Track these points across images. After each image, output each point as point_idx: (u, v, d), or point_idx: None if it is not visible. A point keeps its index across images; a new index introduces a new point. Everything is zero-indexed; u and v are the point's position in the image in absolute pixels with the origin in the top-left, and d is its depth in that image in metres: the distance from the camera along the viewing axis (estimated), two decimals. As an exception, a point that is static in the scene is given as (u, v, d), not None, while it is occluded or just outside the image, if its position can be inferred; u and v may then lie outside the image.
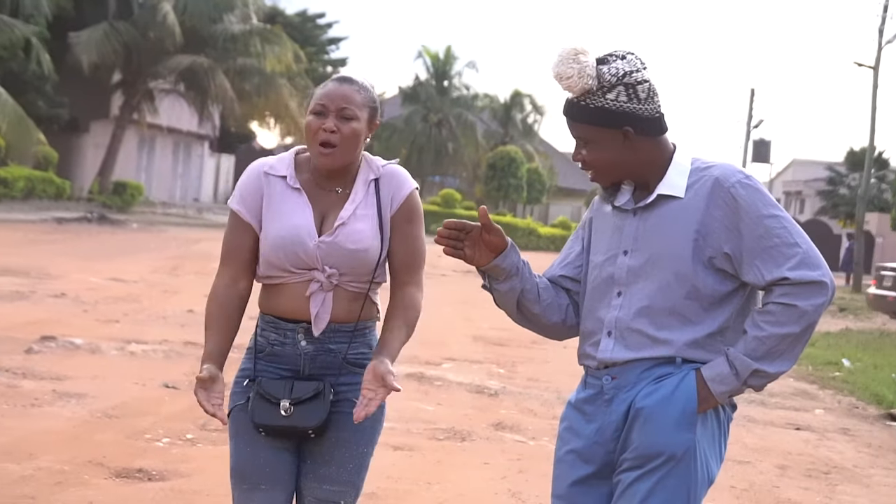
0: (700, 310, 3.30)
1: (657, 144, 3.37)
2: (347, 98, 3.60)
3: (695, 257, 3.28)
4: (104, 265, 19.57)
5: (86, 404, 8.36)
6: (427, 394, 10.21)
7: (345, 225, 3.61)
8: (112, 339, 11.33)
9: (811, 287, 3.21)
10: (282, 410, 3.57)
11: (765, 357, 3.23)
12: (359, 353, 3.68)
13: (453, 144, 64.24)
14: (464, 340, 14.31)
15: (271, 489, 3.66)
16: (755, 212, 3.25)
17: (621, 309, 3.35)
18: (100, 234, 28.87)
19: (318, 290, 3.60)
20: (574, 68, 3.26)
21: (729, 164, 3.35)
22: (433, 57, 66.85)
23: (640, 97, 3.29)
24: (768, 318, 3.22)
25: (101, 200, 39.08)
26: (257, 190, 3.68)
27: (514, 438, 8.61)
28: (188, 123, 49.51)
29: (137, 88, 41.78)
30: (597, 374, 3.40)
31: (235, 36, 41.95)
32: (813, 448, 9.44)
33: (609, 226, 3.45)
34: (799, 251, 3.22)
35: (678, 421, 3.25)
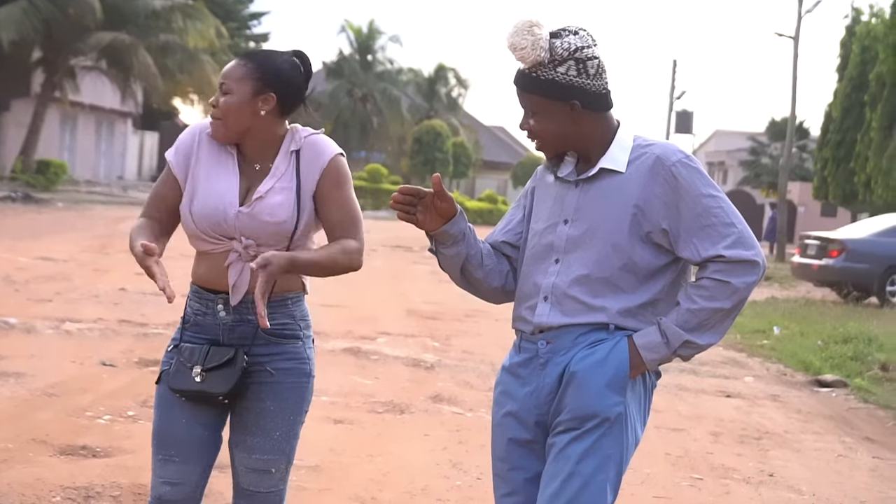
0: (635, 281, 3.42)
1: (602, 119, 3.47)
2: (227, 74, 3.69)
3: (632, 231, 3.40)
4: (32, 244, 19.40)
5: (24, 383, 8.35)
6: (364, 368, 10.29)
7: (262, 199, 3.66)
8: (46, 318, 11.28)
9: (745, 265, 3.35)
10: (195, 376, 3.63)
11: (696, 329, 3.38)
12: (279, 323, 3.71)
13: (378, 119, 64.15)
14: (397, 315, 14.38)
15: (184, 462, 3.73)
16: (694, 191, 3.37)
17: (558, 275, 3.46)
18: (25, 214, 28.56)
19: (237, 261, 3.67)
20: (528, 40, 3.36)
21: (670, 143, 3.48)
22: (356, 31, 66.64)
23: (589, 73, 3.40)
24: (702, 293, 3.36)
25: (24, 179, 38.57)
26: (191, 146, 3.76)
27: (451, 410, 8.71)
28: (111, 101, 48.88)
29: (58, 66, 41.19)
30: (532, 339, 3.51)
31: (157, 12, 41.49)
32: (744, 415, 9.64)
33: (551, 195, 3.56)
34: (735, 231, 3.36)
35: (610, 384, 3.38)
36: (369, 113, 64.38)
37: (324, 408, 8.28)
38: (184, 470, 3.73)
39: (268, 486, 3.75)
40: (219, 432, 3.80)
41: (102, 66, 42.96)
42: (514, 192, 65.64)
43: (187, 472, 3.73)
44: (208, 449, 3.77)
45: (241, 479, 3.76)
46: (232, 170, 3.70)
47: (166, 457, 3.72)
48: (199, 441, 3.73)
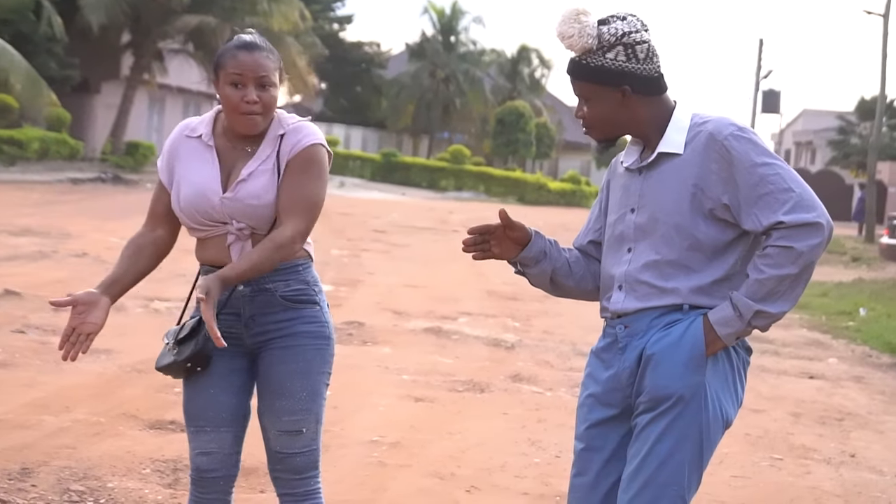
0: (704, 259, 3.44)
1: (655, 103, 3.51)
2: (263, 66, 3.72)
3: (694, 210, 3.42)
4: (121, 224, 19.74)
5: (115, 360, 8.57)
6: (445, 347, 10.39)
7: (244, 181, 3.74)
8: (135, 297, 11.50)
9: (807, 229, 3.33)
10: (169, 352, 3.78)
11: (766, 298, 3.37)
12: (294, 289, 3.82)
13: (461, 100, 64.21)
14: (477, 295, 14.47)
15: (215, 430, 3.84)
16: (748, 161, 3.37)
17: (630, 264, 3.51)
18: (114, 194, 29.04)
19: (236, 241, 3.77)
20: (575, 28, 3.42)
21: (723, 118, 3.48)
22: (439, 12, 66.69)
23: (638, 57, 3.44)
24: (767, 261, 3.35)
25: (113, 161, 39.20)
26: (173, 150, 3.87)
27: (531, 389, 8.78)
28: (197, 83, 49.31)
29: (146, 49, 41.75)
30: (612, 324, 3.57)
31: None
32: (826, 396, 9.60)
33: (620, 185, 3.63)
34: (793, 195, 3.35)
35: (686, 364, 3.40)
36: (452, 94, 64.45)
37: (404, 386, 8.40)
38: (216, 438, 3.86)
39: (300, 446, 3.83)
40: (246, 399, 3.92)
41: (189, 48, 43.47)
42: (598, 174, 65.39)
43: (220, 440, 3.86)
44: (237, 415, 3.89)
45: (273, 443, 3.85)
46: (211, 160, 3.80)
47: (197, 427, 3.86)
48: (226, 408, 3.86)
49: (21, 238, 16.49)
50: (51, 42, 37.03)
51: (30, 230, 17.61)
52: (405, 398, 8.03)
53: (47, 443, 6.25)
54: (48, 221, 19.24)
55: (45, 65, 36.38)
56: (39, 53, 36.26)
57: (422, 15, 69.33)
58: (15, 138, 34.39)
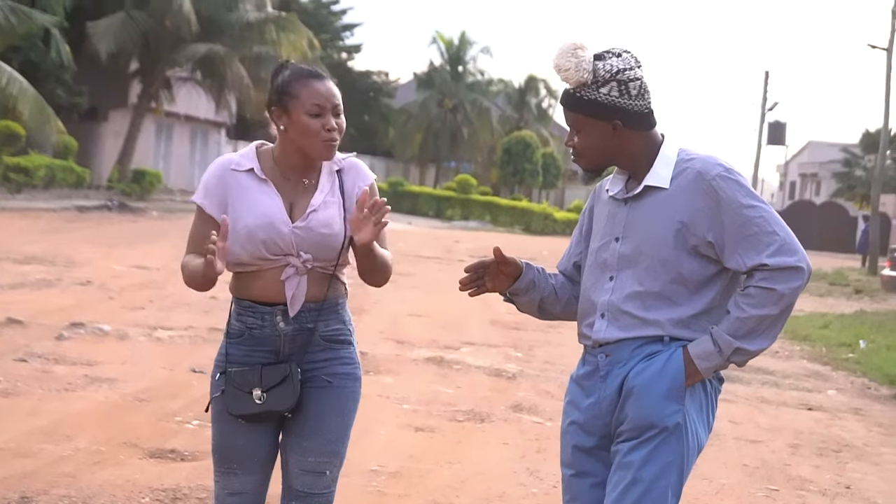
0: (686, 292, 3.55)
1: (644, 137, 3.61)
2: (336, 94, 3.80)
3: (679, 245, 3.53)
4: (127, 252, 19.83)
5: (117, 388, 8.62)
6: (446, 377, 10.43)
7: (316, 212, 3.78)
8: (139, 325, 11.57)
9: (789, 272, 3.46)
10: (255, 399, 3.75)
11: (746, 336, 3.49)
12: (333, 329, 3.86)
13: (468, 129, 64.35)
14: (481, 324, 14.50)
15: (247, 473, 3.86)
16: (735, 202, 3.48)
17: (613, 293, 3.62)
18: (121, 222, 29.12)
19: (294, 275, 3.78)
20: (572, 62, 3.52)
21: (710, 156, 3.59)
22: (447, 42, 66.93)
23: (631, 93, 3.54)
24: (749, 301, 3.47)
25: (120, 188, 39.31)
26: (221, 185, 3.83)
27: (531, 419, 8.82)
28: (205, 111, 49.64)
29: (155, 77, 41.93)
30: (593, 353, 3.68)
31: (251, 24, 42.02)
32: (825, 427, 9.63)
33: (605, 213, 3.73)
34: (777, 238, 3.47)
35: (668, 394, 3.51)
36: (459, 123, 64.61)
37: (405, 415, 8.45)
38: (247, 480, 3.87)
39: (321, 487, 3.86)
40: (276, 438, 3.92)
41: (197, 77, 43.65)
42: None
43: (250, 482, 3.88)
44: (269, 457, 3.91)
45: (294, 480, 3.86)
46: (272, 192, 3.81)
47: (229, 470, 3.86)
48: (260, 451, 3.87)
49: (26, 266, 16.56)
50: (59, 70, 37.27)
51: (35, 258, 17.68)
52: (406, 427, 8.08)
53: (48, 471, 6.29)
54: (54, 249, 19.31)
55: (53, 92, 36.60)
56: (48, 81, 36.48)
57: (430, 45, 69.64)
58: (21, 165, 34.51)
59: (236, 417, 3.80)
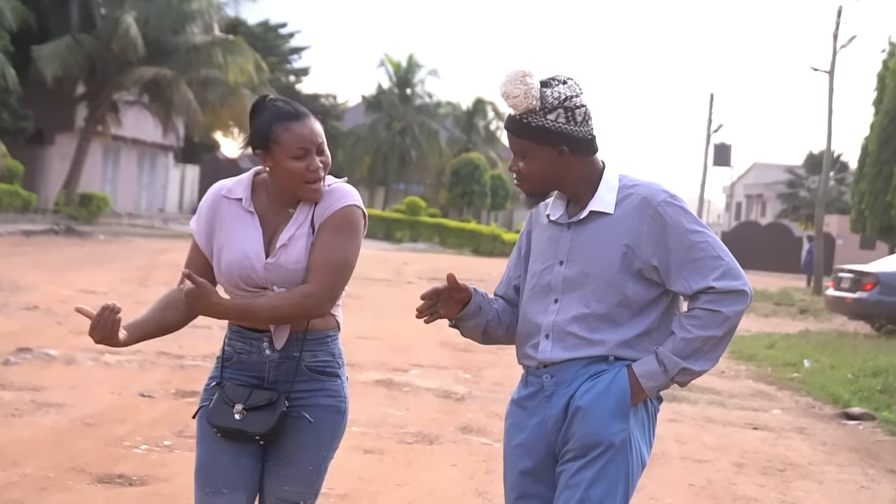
0: (629, 314, 3.63)
1: (588, 163, 3.68)
2: (319, 133, 3.79)
3: (623, 269, 3.61)
4: (74, 277, 19.68)
5: (65, 413, 8.57)
6: (396, 399, 10.45)
7: (285, 247, 3.76)
8: (86, 349, 11.49)
9: (734, 295, 3.56)
10: (235, 414, 3.76)
11: (691, 356, 3.58)
12: (321, 360, 3.86)
13: (417, 152, 64.44)
14: (431, 346, 14.52)
15: (232, 493, 3.83)
16: (681, 227, 3.58)
17: (558, 314, 3.67)
18: (68, 246, 28.90)
19: None
20: (521, 89, 3.57)
21: (654, 183, 3.68)
22: (395, 65, 67.05)
23: (576, 120, 3.61)
24: (695, 322, 3.56)
25: (67, 212, 39.05)
26: (211, 213, 3.86)
27: (480, 441, 8.85)
28: (152, 134, 49.47)
29: (101, 100, 41.74)
30: (537, 373, 3.72)
31: (198, 47, 41.97)
32: (770, 446, 9.72)
33: (545, 237, 3.78)
34: (722, 263, 3.57)
35: (613, 413, 3.58)
36: (408, 146, 64.70)
37: (354, 438, 8.45)
38: (232, 500, 3.85)
39: None
40: (260, 462, 3.90)
41: (144, 100, 43.52)
42: (552, 225, 65.54)
43: (236, 502, 3.85)
44: (253, 477, 3.88)
45: None
46: (254, 225, 3.80)
47: (214, 490, 3.84)
48: (245, 471, 3.86)
49: (-28, 290, 16.40)
50: (4, 94, 36.98)
51: (-19, 282, 17.52)
52: (355, 450, 8.08)
53: (-5, 497, 6.25)
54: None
55: (-1, 116, 36.32)
56: (-7, 105, 36.21)
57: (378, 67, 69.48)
58: (-33, 190, 34.24)
59: (212, 428, 3.81)
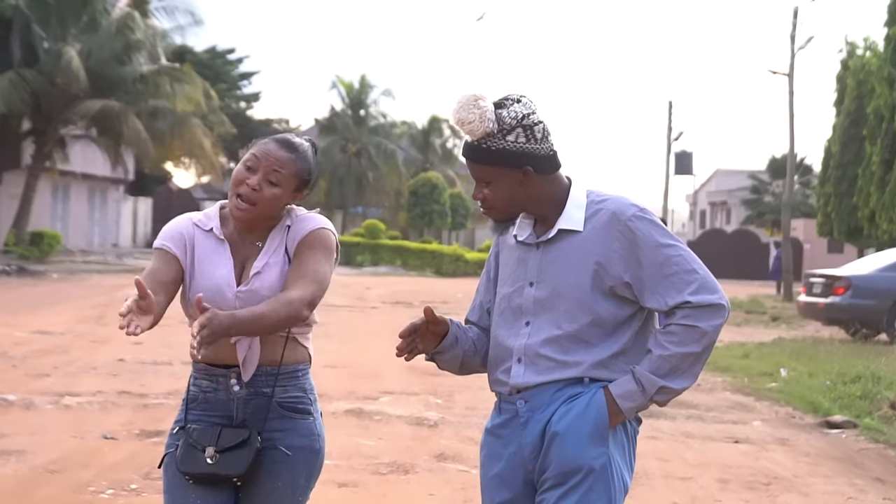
0: (602, 334, 3.56)
1: (553, 181, 3.62)
2: (280, 163, 3.72)
3: (595, 287, 3.54)
4: (28, 318, 19.49)
5: (26, 460, 8.43)
6: (367, 429, 10.36)
7: (259, 274, 3.74)
8: (45, 393, 11.36)
9: (711, 309, 3.50)
10: (207, 458, 3.68)
11: (669, 374, 3.51)
12: (292, 397, 3.80)
13: (374, 174, 64.47)
14: (399, 372, 14.44)
15: None
16: (652, 242, 3.52)
17: (530, 337, 3.60)
18: (20, 287, 28.67)
19: (244, 338, 3.72)
20: (475, 113, 3.49)
21: (623, 197, 3.61)
22: (348, 87, 67.11)
23: (536, 137, 3.54)
24: (671, 339, 3.50)
25: (18, 252, 38.71)
26: (185, 233, 3.81)
27: (456, 468, 8.78)
28: (102, 168, 49.16)
29: (48, 136, 41.43)
30: (510, 399, 3.64)
31: (145, 77, 41.74)
32: (753, 460, 9.69)
33: (514, 258, 3.71)
34: (697, 277, 3.51)
35: (592, 436, 3.51)
36: (364, 168, 64.70)
37: (327, 471, 8.29)
38: None
39: None
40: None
41: (92, 133, 43.27)
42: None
43: None
44: None
45: None
46: (225, 254, 3.77)
47: None
48: None
49: (-77, 337, 16.21)
50: (-52, 133, 36.68)
51: (-68, 328, 17.32)
52: (328, 483, 7.98)
53: (-42, 552, 6.13)
54: (-49, 318, 18.94)
55: (-57, 156, 36.00)
56: (-63, 145, 35.88)
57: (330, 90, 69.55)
58: (-86, 233, 33.89)
59: (184, 475, 3.71)
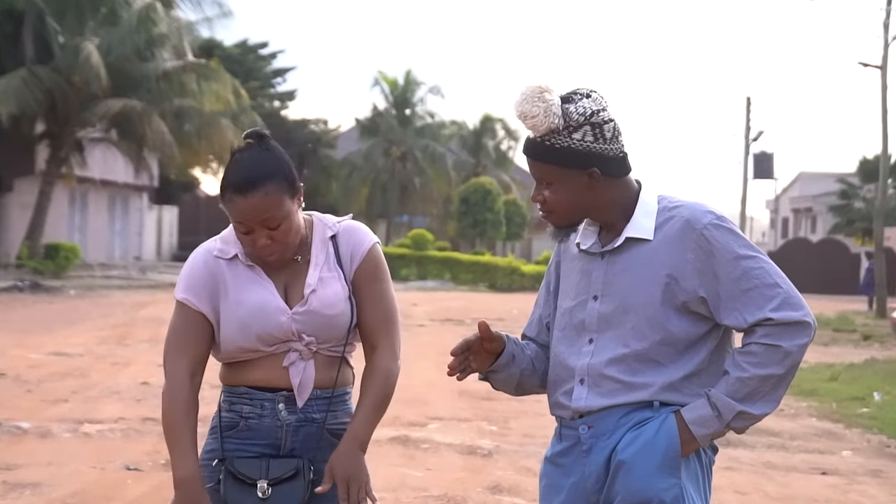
0: (674, 353, 3.55)
1: (622, 185, 3.61)
2: (264, 209, 3.65)
3: (666, 302, 3.53)
4: (44, 339, 19.67)
5: (42, 494, 8.51)
6: (414, 458, 10.39)
7: (315, 292, 3.73)
8: (62, 420, 11.47)
9: (794, 327, 3.47)
10: (259, 492, 3.66)
11: (748, 398, 3.48)
12: (340, 423, 3.80)
13: (420, 179, 64.53)
14: (449, 397, 14.47)
15: None
16: (731, 253, 3.50)
17: (593, 356, 3.59)
18: (35, 304, 28.91)
19: (298, 360, 3.73)
20: (540, 107, 3.50)
21: (698, 204, 3.60)
22: (392, 83, 67.26)
23: (606, 137, 3.54)
24: (751, 360, 3.47)
25: (32, 266, 39.01)
26: (208, 276, 3.78)
27: (512, 501, 8.78)
28: (123, 174, 49.47)
29: (64, 139, 41.68)
30: (572, 425, 3.63)
31: (169, 74, 41.91)
32: (842, 494, 9.63)
33: (576, 269, 3.70)
34: (780, 291, 3.48)
35: (662, 466, 3.48)
36: (410, 173, 64.80)
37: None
38: None
39: None
40: None
41: (112, 136, 43.49)
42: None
43: None
44: None
45: None
46: (262, 278, 3.75)
47: None
48: None
49: (-72, 359, 16.39)
50: (-45, 137, 37.04)
51: (-63, 349, 17.52)
52: (371, 520, 8.01)
53: (-30, 592, 6.20)
54: (-40, 338, 19.14)
55: (-50, 163, 36.36)
56: (-57, 150, 36.23)
57: (372, 87, 69.75)
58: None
59: None
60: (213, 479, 3.75)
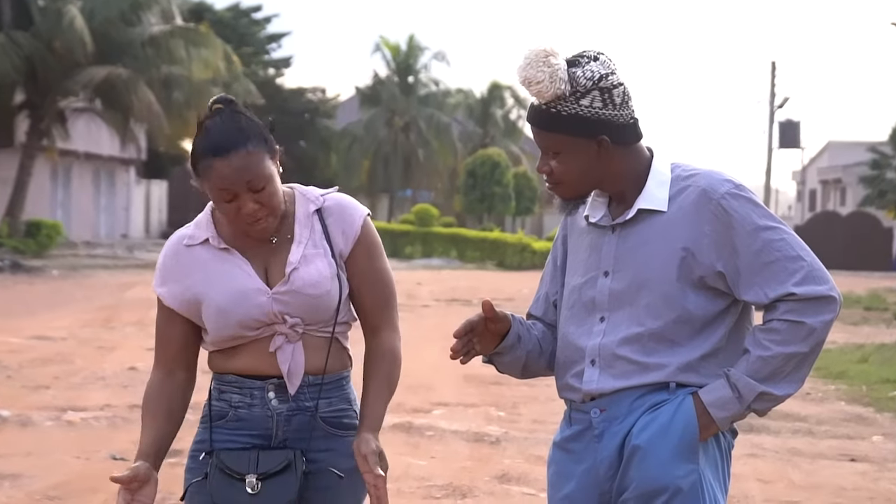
0: (691, 332, 3.53)
1: (633, 153, 3.59)
2: (247, 169, 3.62)
3: (682, 277, 3.51)
4: (25, 322, 19.68)
5: (22, 486, 8.53)
6: (418, 446, 10.41)
7: (297, 269, 3.70)
8: (44, 407, 11.49)
9: (819, 302, 3.44)
10: (248, 487, 3.65)
11: (770, 378, 3.46)
12: (336, 410, 3.78)
13: (424, 151, 64.53)
14: (454, 381, 14.48)
15: None
16: (750, 224, 3.47)
17: (605, 335, 3.57)
18: (15, 286, 28.95)
19: (285, 343, 3.71)
20: (545, 72, 3.46)
21: (715, 172, 3.57)
22: (394, 49, 67.18)
23: (615, 102, 3.51)
24: (773, 337, 3.45)
25: (11, 245, 39.02)
26: (180, 267, 3.78)
27: (521, 491, 8.80)
28: (109, 147, 49.47)
29: (46, 109, 41.63)
30: (583, 408, 3.62)
31: (156, 39, 41.83)
32: (872, 482, 9.63)
33: (585, 244, 3.69)
34: (804, 264, 3.46)
35: (679, 451, 3.47)
36: (413, 144, 64.78)
37: (372, 496, 8.40)
38: None
39: None
40: None
41: (97, 106, 43.46)
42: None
43: None
44: None
45: None
46: (238, 259, 3.74)
47: None
48: None
49: None
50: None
51: None
52: (372, 511, 8.03)
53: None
54: (-65, 322, 19.18)
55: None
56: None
57: (373, 53, 69.70)
58: None
59: None
60: (201, 473, 3.75)
